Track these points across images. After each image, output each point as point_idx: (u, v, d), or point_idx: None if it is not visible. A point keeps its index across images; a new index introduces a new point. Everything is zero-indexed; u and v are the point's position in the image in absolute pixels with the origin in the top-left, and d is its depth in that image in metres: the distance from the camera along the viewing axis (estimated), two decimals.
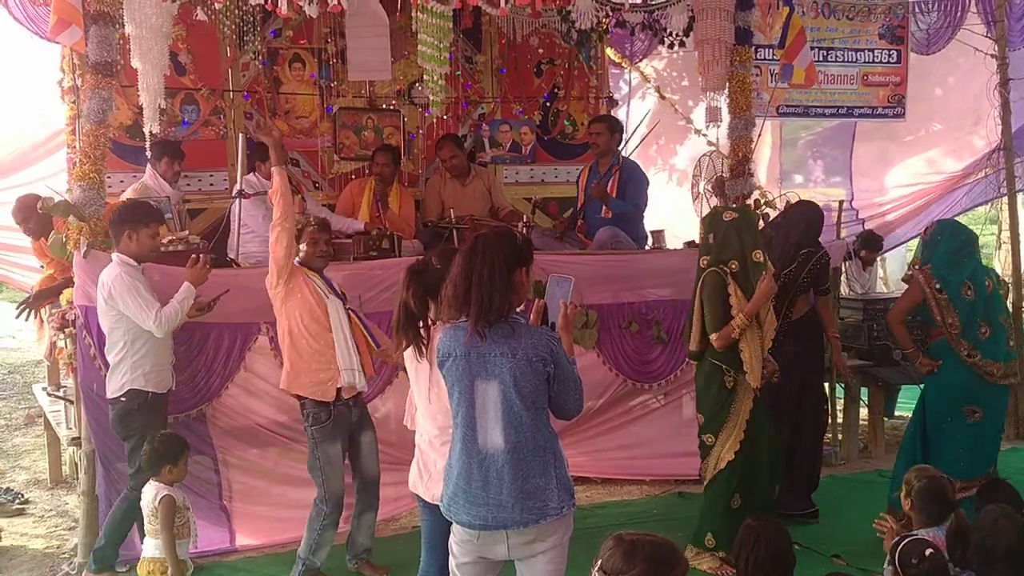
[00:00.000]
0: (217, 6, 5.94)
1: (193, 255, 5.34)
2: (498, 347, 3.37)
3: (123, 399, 5.19)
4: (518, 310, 3.47)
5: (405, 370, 4.15)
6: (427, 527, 4.16)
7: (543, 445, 3.41)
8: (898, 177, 10.20)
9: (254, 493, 5.94)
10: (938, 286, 5.50)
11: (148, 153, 6.63)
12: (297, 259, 5.22)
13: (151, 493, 4.64)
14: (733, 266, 5.24)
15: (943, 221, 6.13)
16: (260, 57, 7.66)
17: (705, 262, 5.39)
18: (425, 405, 3.96)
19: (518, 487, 3.36)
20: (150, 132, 6.26)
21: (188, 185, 7.40)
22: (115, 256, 5.22)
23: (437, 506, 3.81)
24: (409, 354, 3.97)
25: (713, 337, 5.24)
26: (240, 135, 6.72)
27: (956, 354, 5.53)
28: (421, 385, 3.96)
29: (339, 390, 5.15)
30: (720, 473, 5.34)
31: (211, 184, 7.61)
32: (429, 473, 3.96)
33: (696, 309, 5.38)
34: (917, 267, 5.63)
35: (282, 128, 7.72)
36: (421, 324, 3.88)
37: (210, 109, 7.62)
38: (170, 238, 5.94)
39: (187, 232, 6.19)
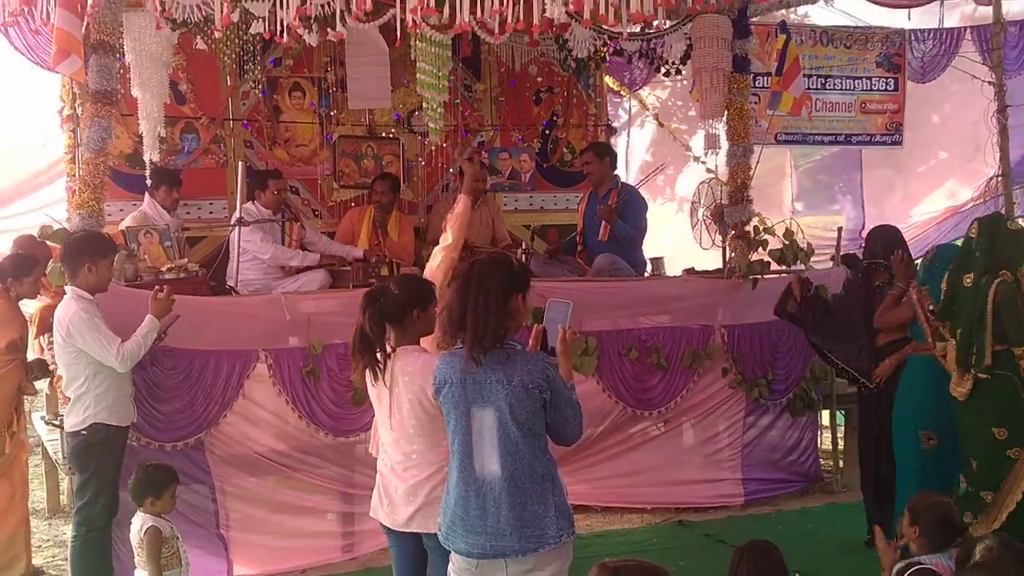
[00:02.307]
0: (217, 35, 5.95)
1: (156, 286, 5.25)
2: (494, 374, 3.35)
3: (84, 432, 5.05)
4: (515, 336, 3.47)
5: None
6: (394, 555, 4.14)
7: (541, 472, 3.39)
8: (924, 208, 10.28)
9: (252, 522, 5.89)
10: (931, 307, 5.30)
11: (147, 181, 6.66)
12: None
13: (137, 524, 4.59)
14: (1007, 275, 4.96)
15: (943, 246, 6.06)
16: (260, 86, 7.69)
17: (970, 279, 5.05)
18: (387, 431, 3.94)
19: (516, 515, 3.33)
20: (150, 160, 6.30)
21: (188, 213, 7.41)
22: (70, 291, 5.05)
23: (402, 533, 3.84)
24: (368, 378, 3.94)
25: (1022, 350, 4.86)
26: (240, 163, 6.74)
27: (933, 373, 5.24)
28: (382, 411, 3.94)
29: None
30: None
31: (211, 212, 7.61)
32: (390, 498, 3.95)
33: (988, 321, 4.93)
34: (915, 288, 5.44)
35: (281, 156, 7.77)
36: (378, 349, 3.85)
37: (210, 138, 7.64)
38: (169, 266, 5.95)
39: (186, 260, 6.19)
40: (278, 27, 5.59)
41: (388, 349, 3.89)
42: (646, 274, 7.53)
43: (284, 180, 7.22)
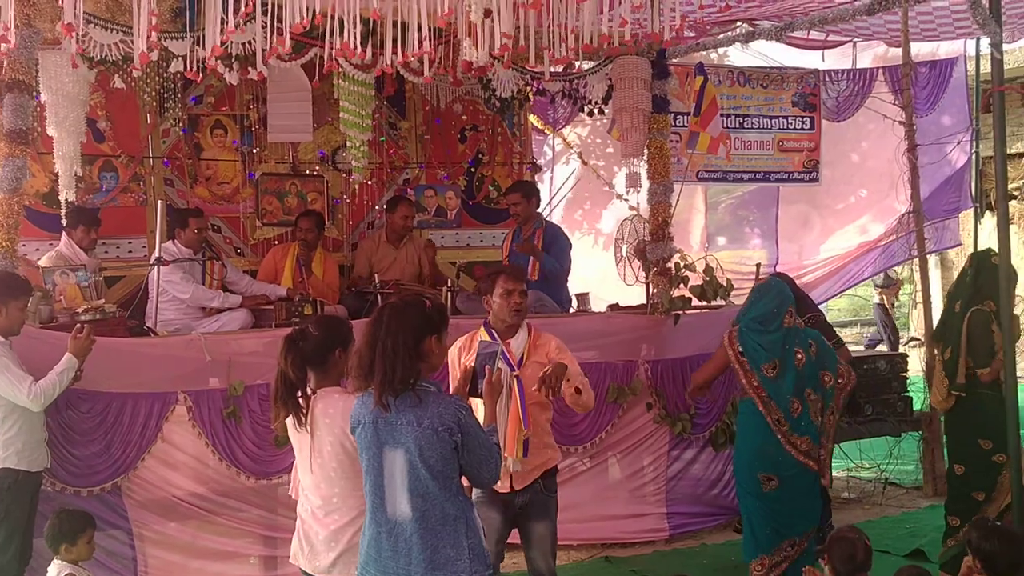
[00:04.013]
0: (136, 73, 5.90)
1: (77, 325, 5.16)
2: (404, 416, 3.34)
3: None
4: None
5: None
6: None
7: (454, 515, 3.38)
8: (834, 243, 10.49)
9: (172, 568, 5.76)
10: (740, 350, 5.20)
11: (63, 221, 6.54)
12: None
13: (53, 572, 4.49)
14: (991, 305, 5.57)
15: (764, 283, 5.73)
16: (181, 123, 7.62)
17: (960, 304, 5.75)
18: (307, 475, 3.88)
19: (427, 557, 3.32)
20: (66, 200, 6.20)
21: (106, 252, 7.30)
22: None
23: None
24: (290, 423, 3.88)
25: (984, 372, 5.63)
26: (159, 202, 6.65)
27: (759, 417, 5.20)
28: (303, 455, 3.88)
29: None
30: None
31: (130, 251, 7.50)
32: (311, 544, 3.89)
33: (962, 345, 5.68)
34: (731, 326, 5.34)
35: (203, 194, 7.69)
36: (300, 393, 3.80)
37: (129, 176, 7.54)
38: (85, 307, 5.83)
39: (103, 301, 6.07)
40: (197, 66, 5.58)
41: (309, 391, 3.84)
42: (571, 310, 7.58)
43: (205, 218, 7.16)
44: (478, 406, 3.87)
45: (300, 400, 3.81)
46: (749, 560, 5.28)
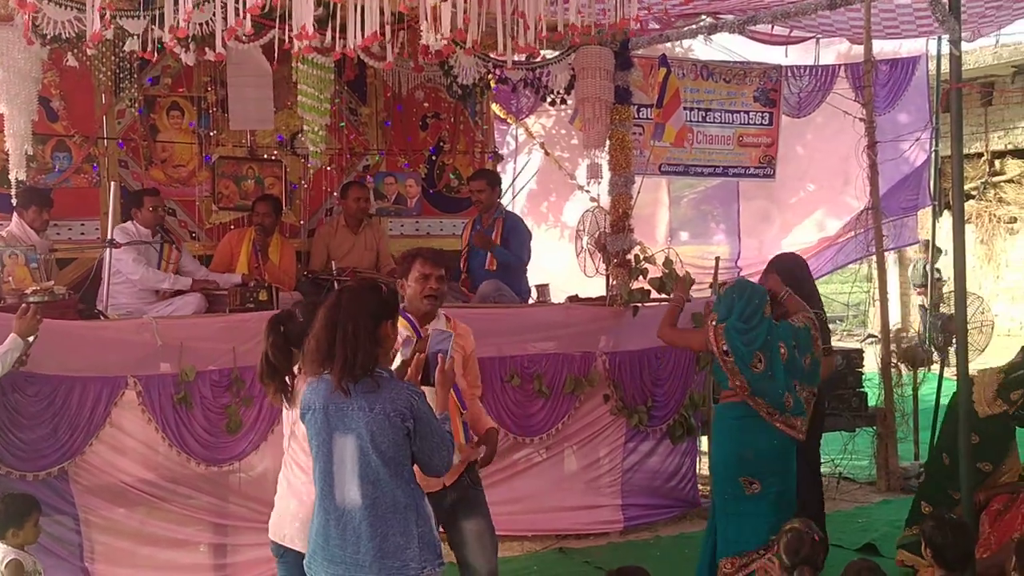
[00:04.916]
0: (90, 52, 5.79)
1: (23, 305, 5.05)
2: (356, 401, 3.31)
3: None
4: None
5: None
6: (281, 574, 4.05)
7: (404, 503, 3.34)
8: (788, 239, 10.54)
9: (119, 555, 5.67)
10: (725, 348, 5.20)
11: (14, 201, 6.41)
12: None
13: None
14: None
15: (740, 282, 5.80)
16: (137, 104, 7.48)
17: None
18: (302, 453, 3.82)
19: (376, 546, 3.29)
20: (16, 179, 6.07)
21: (58, 234, 7.15)
22: None
23: (289, 550, 3.74)
24: (284, 404, 3.88)
25: None
26: (113, 183, 6.53)
27: (743, 419, 5.24)
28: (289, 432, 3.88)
29: None
30: None
31: (82, 233, 7.35)
32: (284, 514, 3.88)
33: None
34: (713, 322, 5.33)
35: (158, 177, 7.57)
36: (287, 375, 3.80)
37: (83, 156, 7.39)
38: (34, 288, 5.73)
39: (52, 283, 5.96)
40: (153, 46, 5.48)
41: (296, 370, 3.83)
42: (530, 301, 7.56)
43: (160, 197, 7.01)
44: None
45: (287, 381, 3.79)
46: (720, 559, 5.28)
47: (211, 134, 7.75)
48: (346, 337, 3.29)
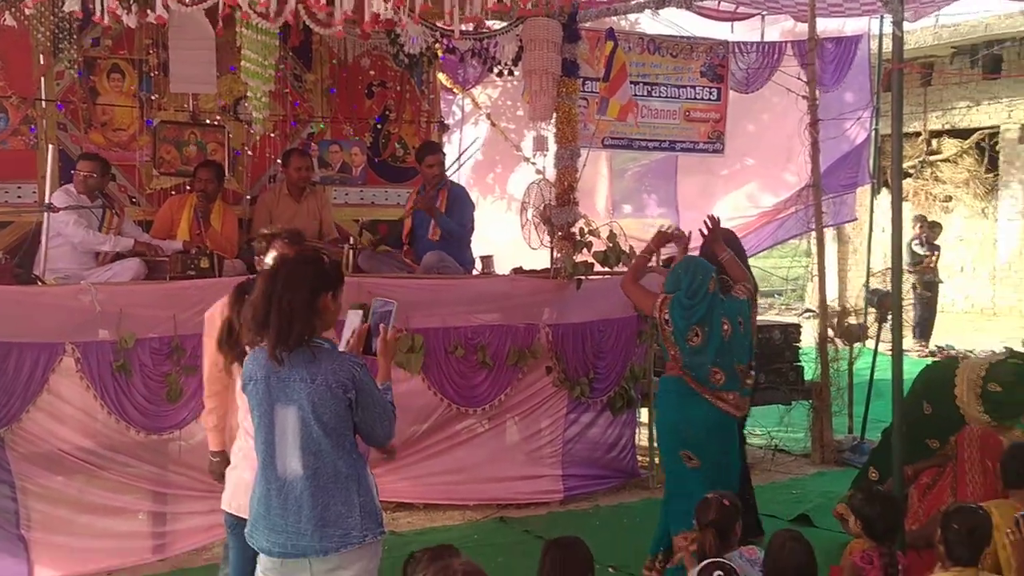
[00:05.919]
0: (28, 11, 5.65)
1: None
2: (297, 372, 3.30)
3: None
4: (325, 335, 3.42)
5: None
6: (232, 543, 4.06)
7: (346, 473, 3.35)
8: (721, 211, 10.60)
9: (56, 523, 5.62)
10: (667, 317, 5.32)
11: None
12: None
13: None
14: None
15: (687, 258, 5.76)
16: (76, 66, 7.30)
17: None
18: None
19: (317, 515, 3.30)
20: None
21: None
22: None
23: (240, 519, 3.72)
24: (235, 370, 3.89)
25: None
26: (51, 146, 6.40)
27: (677, 394, 5.36)
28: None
29: None
30: None
31: (19, 196, 7.20)
32: (238, 485, 3.88)
33: None
34: (662, 292, 5.45)
35: (97, 140, 7.43)
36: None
37: (20, 118, 7.22)
38: None
39: None
40: (95, 6, 5.36)
41: None
42: (475, 272, 7.57)
43: (96, 163, 6.78)
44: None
45: (247, 349, 3.73)
46: (675, 532, 5.32)
47: (153, 98, 7.62)
48: (281, 307, 3.27)
